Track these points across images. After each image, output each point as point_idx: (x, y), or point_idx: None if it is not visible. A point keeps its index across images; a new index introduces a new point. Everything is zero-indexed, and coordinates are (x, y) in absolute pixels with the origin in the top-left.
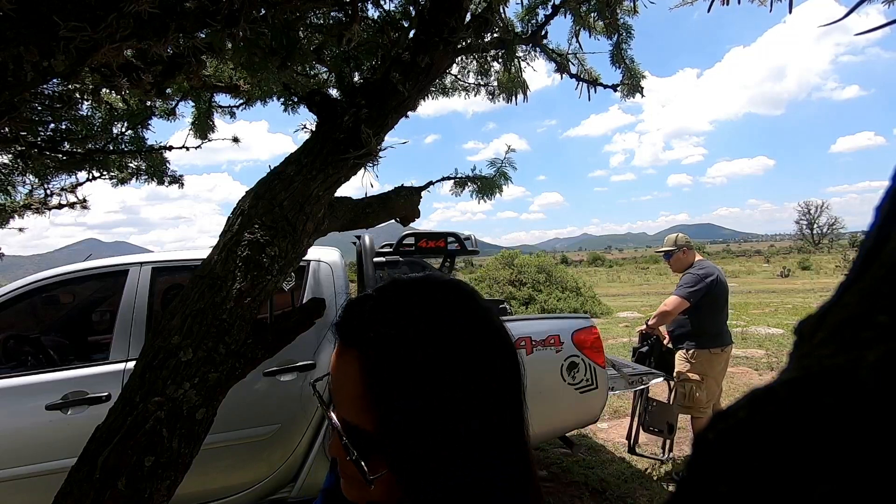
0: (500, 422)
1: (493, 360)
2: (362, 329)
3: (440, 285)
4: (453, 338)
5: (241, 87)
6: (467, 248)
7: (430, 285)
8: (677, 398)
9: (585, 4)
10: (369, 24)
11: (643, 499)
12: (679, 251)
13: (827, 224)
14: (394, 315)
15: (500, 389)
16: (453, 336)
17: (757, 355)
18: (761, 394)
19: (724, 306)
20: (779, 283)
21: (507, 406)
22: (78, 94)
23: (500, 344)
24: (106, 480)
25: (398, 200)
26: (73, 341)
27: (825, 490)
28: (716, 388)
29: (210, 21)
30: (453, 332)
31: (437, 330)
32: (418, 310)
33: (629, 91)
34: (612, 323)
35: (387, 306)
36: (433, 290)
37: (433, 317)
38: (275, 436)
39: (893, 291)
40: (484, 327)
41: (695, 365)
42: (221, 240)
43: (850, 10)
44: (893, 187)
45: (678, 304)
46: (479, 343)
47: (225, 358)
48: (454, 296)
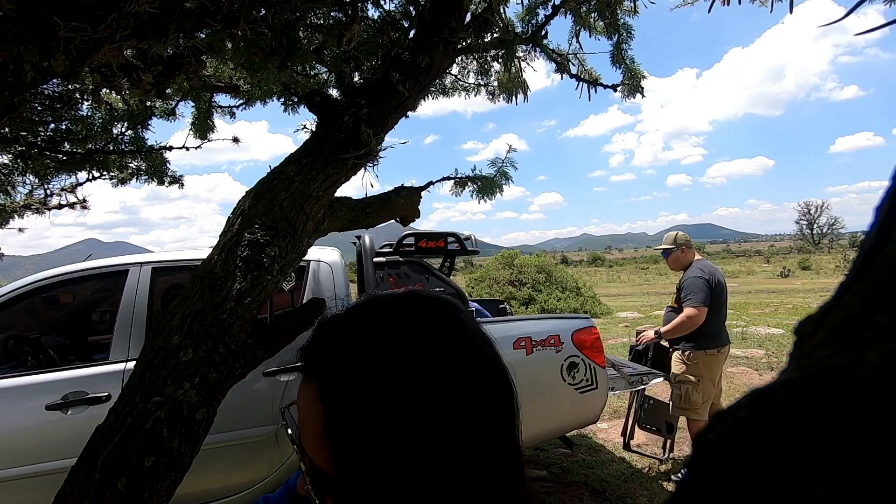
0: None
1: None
2: (324, 355)
3: (422, 305)
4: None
5: (241, 87)
6: (467, 248)
7: (408, 304)
8: (673, 400)
9: (586, 4)
10: (369, 24)
11: (643, 499)
12: (678, 249)
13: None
14: (360, 340)
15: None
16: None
17: (757, 355)
18: (761, 394)
19: (722, 307)
20: (779, 283)
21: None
22: (78, 94)
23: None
24: (106, 480)
25: (398, 200)
26: (73, 341)
27: (825, 490)
28: (712, 389)
29: (210, 21)
30: (431, 363)
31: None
32: (390, 334)
33: (629, 91)
34: (612, 323)
35: (354, 329)
36: (412, 310)
37: (407, 343)
38: (275, 436)
39: (893, 291)
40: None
41: (691, 366)
42: (221, 240)
43: (850, 10)
44: (893, 187)
45: (698, 314)
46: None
47: (225, 358)
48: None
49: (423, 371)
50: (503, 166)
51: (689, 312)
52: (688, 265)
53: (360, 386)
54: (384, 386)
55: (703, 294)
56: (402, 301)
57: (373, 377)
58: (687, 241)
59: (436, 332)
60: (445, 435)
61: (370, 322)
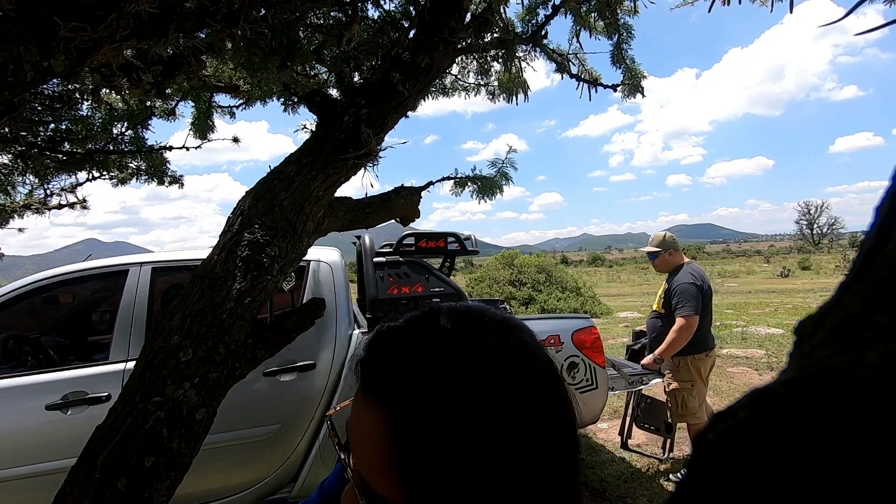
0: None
1: (553, 430)
2: (390, 375)
3: (494, 326)
4: (508, 395)
5: (241, 87)
6: (467, 248)
7: (479, 323)
8: (671, 409)
9: (586, 4)
10: (369, 24)
11: (643, 499)
12: (666, 252)
13: (827, 224)
14: (431, 360)
15: (557, 466)
16: (509, 392)
17: (757, 355)
18: (761, 394)
19: (709, 313)
20: (779, 283)
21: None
22: (78, 94)
23: (562, 412)
24: (106, 480)
25: (398, 200)
26: (73, 341)
27: (825, 490)
28: (705, 390)
29: (210, 21)
30: (509, 388)
31: (487, 383)
32: (463, 355)
33: (630, 91)
34: (612, 323)
35: (422, 347)
36: (483, 329)
37: (482, 365)
38: (275, 436)
39: (893, 291)
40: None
41: (682, 373)
42: (221, 240)
43: (850, 10)
44: (893, 187)
45: (690, 323)
46: (540, 407)
47: (225, 358)
48: (510, 339)
49: (506, 402)
50: (503, 166)
51: (682, 323)
52: (675, 268)
53: (441, 417)
54: (466, 417)
55: (696, 302)
56: (475, 317)
57: (455, 407)
58: (675, 243)
59: (514, 355)
60: (522, 468)
61: (442, 339)
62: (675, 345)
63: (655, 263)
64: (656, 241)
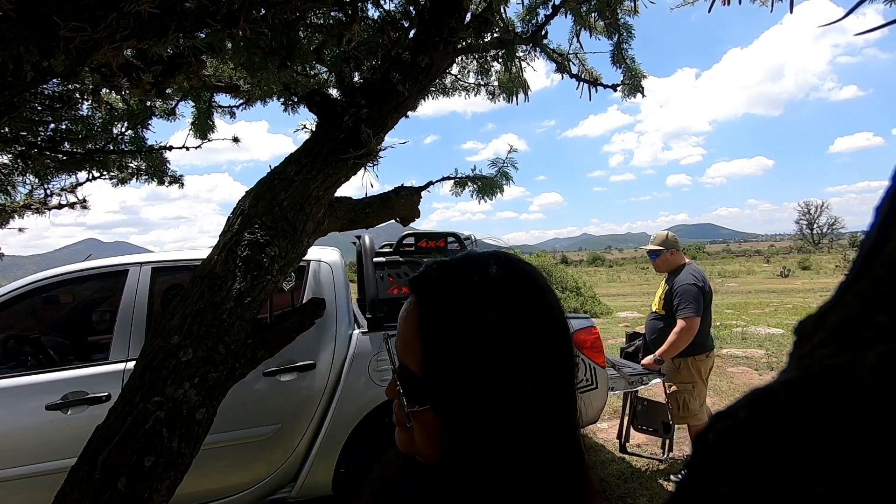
0: (549, 397)
1: (550, 339)
2: (428, 278)
3: (513, 260)
4: (513, 303)
5: (241, 87)
6: (467, 248)
7: (501, 256)
8: (672, 411)
9: (586, 4)
10: (369, 24)
11: (643, 499)
12: (667, 252)
13: (827, 224)
14: (460, 271)
15: (552, 367)
16: (514, 301)
17: (757, 355)
18: (761, 394)
19: (709, 313)
20: (779, 283)
21: (557, 385)
22: (78, 94)
23: (559, 332)
24: (106, 480)
25: (398, 200)
26: (73, 341)
27: (825, 490)
28: (705, 391)
29: (210, 21)
30: (515, 298)
31: (498, 290)
32: (484, 271)
33: (630, 91)
34: (612, 323)
35: (457, 265)
36: (503, 260)
37: (498, 278)
38: (275, 436)
39: (893, 291)
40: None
41: (683, 374)
42: (221, 240)
43: (850, 10)
44: (893, 187)
45: (692, 324)
46: (541, 319)
47: (225, 358)
48: (526, 271)
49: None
50: (504, 166)
51: (684, 325)
52: (676, 268)
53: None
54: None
55: (698, 303)
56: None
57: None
58: (677, 243)
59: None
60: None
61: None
62: (677, 346)
63: (656, 263)
64: (658, 240)
